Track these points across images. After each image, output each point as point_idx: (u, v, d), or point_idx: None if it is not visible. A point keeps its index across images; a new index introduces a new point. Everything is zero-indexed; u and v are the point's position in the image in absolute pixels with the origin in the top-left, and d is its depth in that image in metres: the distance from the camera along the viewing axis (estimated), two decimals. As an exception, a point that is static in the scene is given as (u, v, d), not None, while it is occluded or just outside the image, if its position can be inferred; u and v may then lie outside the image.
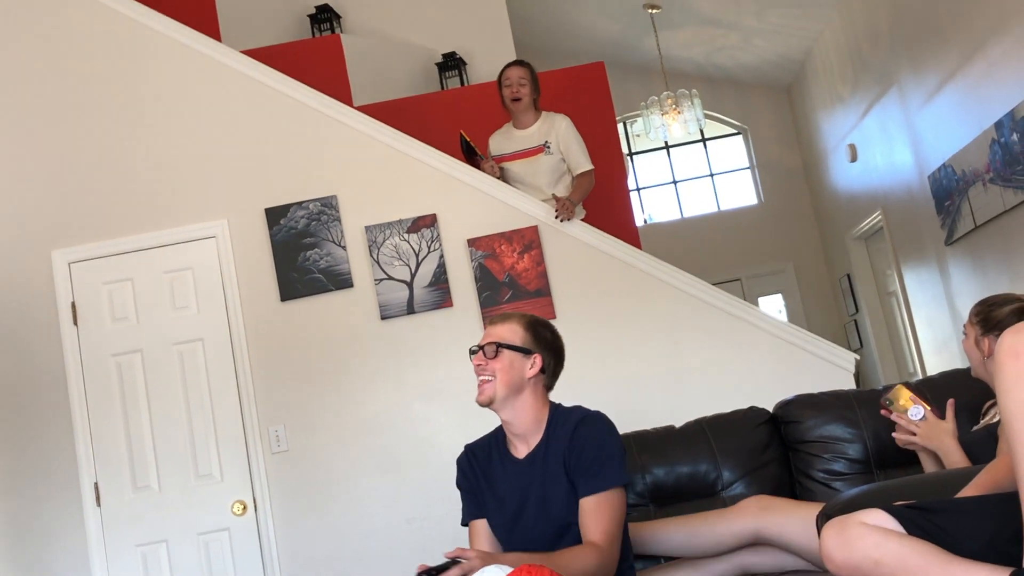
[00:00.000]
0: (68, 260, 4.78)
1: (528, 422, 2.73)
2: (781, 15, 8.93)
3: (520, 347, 2.72)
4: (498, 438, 2.83)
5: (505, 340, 2.73)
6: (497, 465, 2.78)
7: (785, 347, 4.62)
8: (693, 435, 3.30)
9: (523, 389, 2.71)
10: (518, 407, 2.72)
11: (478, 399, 2.72)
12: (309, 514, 4.62)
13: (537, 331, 2.77)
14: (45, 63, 4.93)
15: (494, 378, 2.69)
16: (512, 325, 2.76)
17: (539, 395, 2.75)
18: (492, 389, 2.69)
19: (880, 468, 3.15)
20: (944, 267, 7.35)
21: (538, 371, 2.73)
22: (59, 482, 4.63)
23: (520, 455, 2.74)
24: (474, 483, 2.80)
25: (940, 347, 7.78)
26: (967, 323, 2.93)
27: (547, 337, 2.79)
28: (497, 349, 2.71)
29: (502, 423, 2.78)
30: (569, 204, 4.76)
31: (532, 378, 2.72)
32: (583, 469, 2.60)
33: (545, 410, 2.76)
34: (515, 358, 2.71)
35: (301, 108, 4.92)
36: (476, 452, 2.85)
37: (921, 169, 7.47)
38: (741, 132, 11.03)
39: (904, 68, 7.48)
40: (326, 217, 4.79)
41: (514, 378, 2.70)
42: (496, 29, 7.13)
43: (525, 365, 2.72)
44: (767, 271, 10.60)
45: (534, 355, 2.73)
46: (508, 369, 2.70)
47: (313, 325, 4.74)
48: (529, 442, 2.73)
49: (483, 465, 2.80)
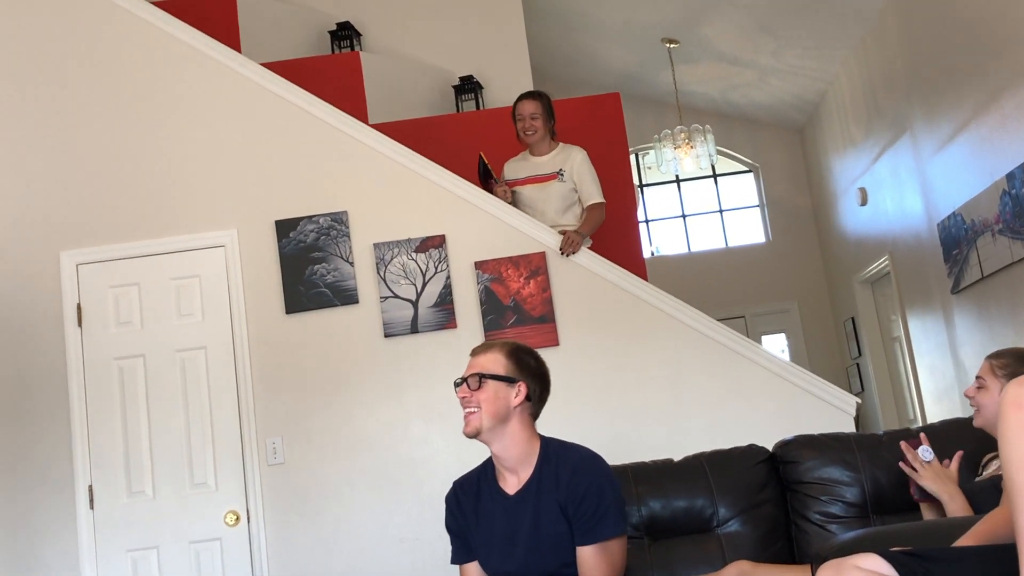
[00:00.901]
0: (76, 261, 4.79)
1: (518, 454, 2.70)
2: (798, 56, 8.98)
3: (504, 376, 2.70)
4: (487, 472, 2.81)
5: (488, 370, 2.71)
6: (487, 500, 2.75)
7: (787, 387, 4.61)
8: (691, 470, 3.29)
9: (510, 419, 2.69)
10: (506, 438, 2.69)
11: (465, 431, 2.71)
12: (302, 528, 4.60)
13: (520, 358, 2.75)
14: (66, 66, 4.97)
15: (479, 409, 2.68)
16: (494, 354, 2.75)
17: (526, 424, 2.73)
18: (478, 420, 2.68)
19: (877, 513, 3.14)
20: (949, 315, 7.35)
21: (523, 399, 2.71)
22: (54, 483, 4.63)
23: (510, 490, 2.72)
24: (462, 522, 2.77)
25: (941, 395, 7.76)
26: (987, 374, 2.91)
27: (531, 364, 2.76)
28: (480, 380, 2.69)
29: (492, 456, 2.76)
30: (576, 238, 4.77)
31: (518, 406, 2.70)
32: (583, 518, 2.58)
33: (535, 442, 2.73)
34: (499, 387, 2.69)
35: (317, 123, 4.94)
36: (464, 488, 2.82)
37: (931, 216, 7.47)
38: (752, 170, 11.06)
39: (918, 115, 7.51)
40: (335, 232, 4.80)
41: (499, 408, 2.68)
42: (514, 55, 7.17)
43: (510, 394, 2.70)
44: (772, 310, 10.59)
45: (518, 383, 2.71)
46: (493, 399, 2.68)
47: (316, 339, 4.74)
48: (520, 476, 2.71)
49: (472, 502, 2.77)
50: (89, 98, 4.95)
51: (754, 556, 3.07)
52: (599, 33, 9.29)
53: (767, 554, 3.13)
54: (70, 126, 4.93)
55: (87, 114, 4.93)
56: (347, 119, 4.96)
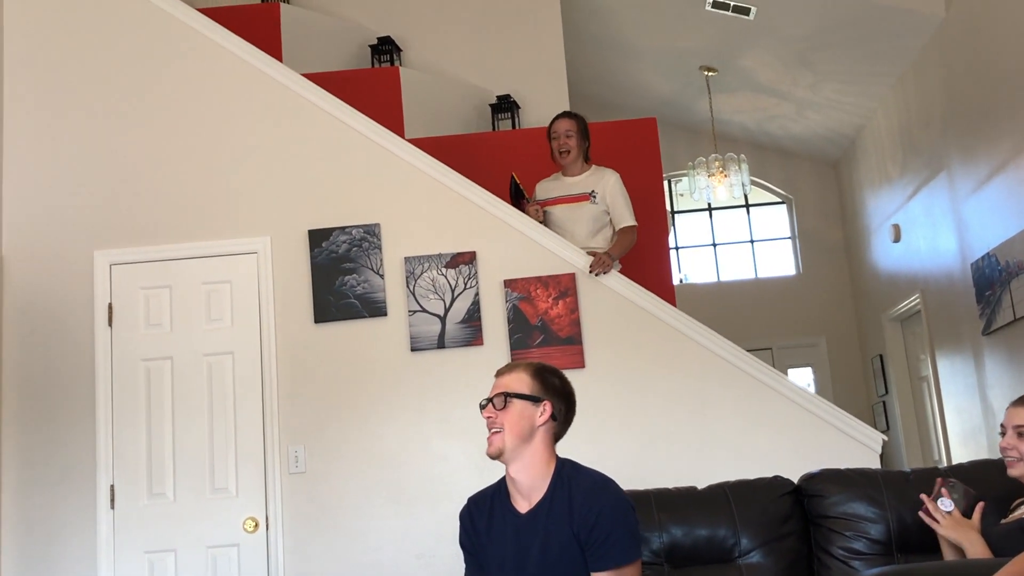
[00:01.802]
0: (110, 262, 4.84)
1: (534, 476, 2.69)
2: (836, 91, 8.95)
3: (529, 395, 2.70)
4: (501, 490, 2.80)
5: (513, 389, 2.71)
6: (499, 519, 2.74)
7: (813, 420, 4.58)
8: (715, 499, 3.26)
9: (533, 438, 2.69)
10: (526, 458, 2.69)
11: (488, 451, 2.70)
12: (319, 538, 4.60)
13: (545, 378, 2.75)
14: (105, 68, 5.03)
15: (503, 430, 2.67)
16: (519, 374, 2.75)
17: (547, 445, 2.72)
18: (501, 440, 2.67)
19: (902, 552, 3.09)
20: (979, 357, 7.27)
21: (548, 418, 2.70)
22: (76, 480, 4.65)
23: (522, 509, 2.71)
24: (475, 540, 2.77)
25: (968, 437, 7.67)
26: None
27: (556, 384, 2.76)
28: (506, 399, 2.69)
29: (507, 479, 2.75)
30: (607, 259, 4.76)
31: (543, 426, 2.70)
32: (596, 545, 2.57)
33: (552, 464, 2.72)
34: (524, 407, 2.69)
35: (354, 135, 4.97)
36: (479, 505, 2.81)
37: (964, 256, 7.41)
38: (786, 202, 11.02)
39: (955, 154, 7.46)
40: (367, 244, 4.82)
41: (524, 428, 2.68)
42: (552, 76, 7.19)
43: (535, 413, 2.69)
44: (799, 343, 10.52)
45: (543, 402, 2.71)
46: (518, 419, 2.68)
47: (343, 350, 4.76)
48: (532, 498, 2.70)
49: (485, 520, 2.76)
50: (129, 101, 5.00)
51: (774, 589, 3.04)
52: (638, 58, 9.31)
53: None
54: (109, 128, 4.98)
55: (127, 116, 4.99)
56: (384, 132, 4.98)
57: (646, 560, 3.15)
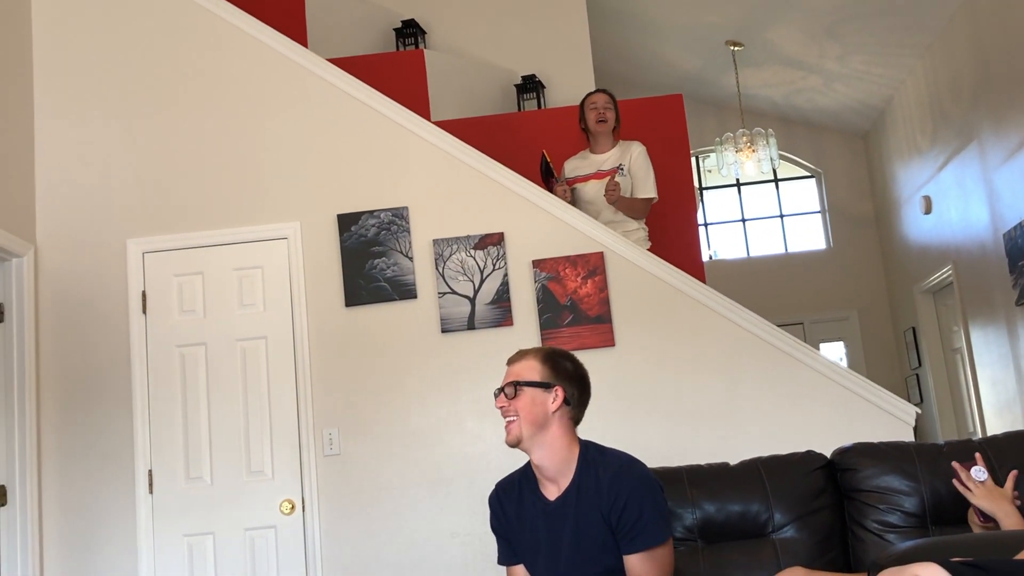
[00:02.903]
0: (143, 250, 4.89)
1: (558, 462, 2.70)
2: (864, 62, 8.87)
3: (539, 382, 2.71)
4: (528, 475, 2.81)
5: (523, 377, 2.72)
6: (529, 506, 2.76)
7: (845, 394, 4.57)
8: (747, 474, 3.26)
9: (549, 424, 2.69)
10: (547, 446, 2.70)
11: (506, 440, 2.72)
12: (355, 519, 4.65)
13: (556, 363, 2.75)
14: (136, 58, 5.06)
15: (517, 417, 2.69)
16: (529, 361, 2.75)
17: (567, 429, 2.72)
18: (517, 428, 2.69)
19: (936, 524, 3.09)
20: (1013, 327, 7.21)
21: (561, 403, 2.71)
22: (115, 466, 4.72)
23: (551, 496, 2.72)
24: (506, 525, 2.79)
25: (1003, 408, 7.62)
26: None
27: (567, 368, 2.76)
28: (516, 388, 2.70)
29: (532, 466, 2.77)
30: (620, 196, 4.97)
31: (556, 411, 2.70)
32: (627, 528, 2.58)
33: (575, 448, 2.73)
34: (536, 394, 2.70)
35: (380, 118, 4.99)
36: (507, 491, 2.83)
37: (996, 227, 7.34)
38: (815, 175, 10.94)
39: (985, 124, 7.38)
40: (396, 227, 4.84)
41: (537, 415, 2.68)
42: (577, 55, 7.18)
43: (547, 399, 2.70)
44: (830, 317, 10.47)
45: (555, 387, 2.71)
46: (531, 406, 2.69)
47: (374, 332, 4.79)
48: (560, 483, 2.71)
49: (515, 506, 2.79)
50: (160, 90, 5.04)
51: (809, 563, 3.04)
52: (663, 35, 9.25)
53: (822, 561, 3.10)
54: (141, 116, 5.02)
55: (158, 105, 5.03)
56: (410, 115, 5.00)
57: (679, 536, 3.16)
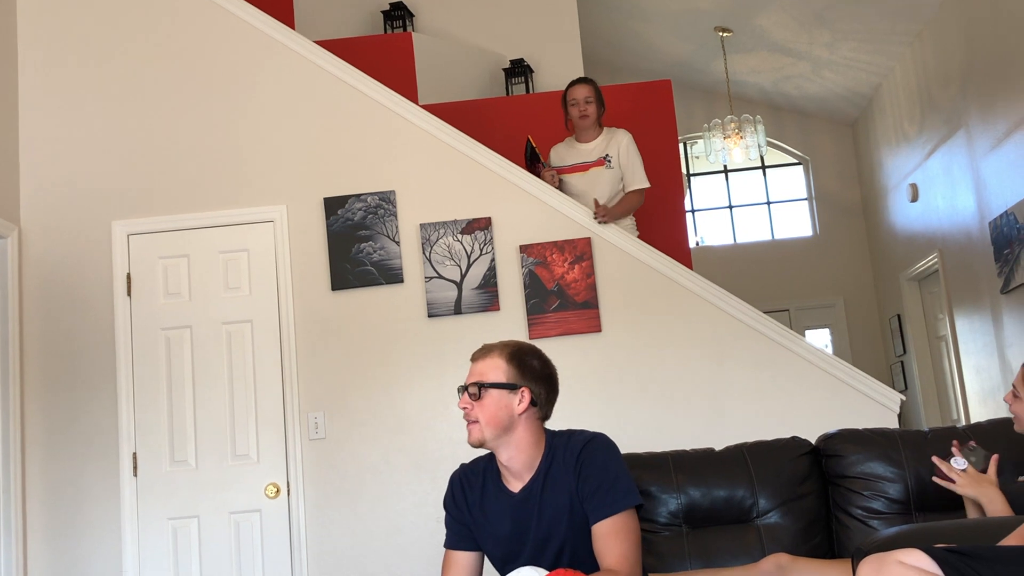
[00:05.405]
0: (128, 232, 4.86)
1: (525, 460, 2.57)
2: (853, 49, 8.86)
3: (505, 384, 2.53)
4: (492, 466, 2.66)
5: (487, 378, 2.54)
6: (491, 497, 2.63)
7: (830, 381, 4.58)
8: (732, 460, 3.27)
9: (515, 427, 2.54)
10: (512, 446, 2.55)
11: (468, 440, 2.55)
12: (340, 503, 4.64)
13: (522, 361, 2.57)
14: (124, 39, 5.02)
15: (479, 421, 2.52)
16: (494, 359, 2.57)
17: (534, 429, 2.57)
18: (479, 432, 2.53)
19: (920, 511, 3.11)
20: (998, 316, 7.24)
21: (528, 405, 2.54)
22: (99, 449, 4.70)
23: (514, 489, 2.60)
24: (464, 512, 2.65)
25: (986, 396, 7.65)
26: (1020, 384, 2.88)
27: (534, 366, 2.58)
28: (480, 389, 2.54)
29: (498, 462, 2.62)
30: (609, 211, 4.81)
31: (523, 413, 2.54)
32: (592, 494, 2.48)
33: (542, 444, 2.59)
34: (501, 396, 2.53)
35: (368, 102, 4.96)
36: (469, 479, 2.68)
37: (983, 215, 7.36)
38: (802, 163, 10.95)
39: (973, 112, 7.39)
40: (383, 211, 4.82)
41: (501, 418, 2.52)
42: (566, 40, 7.15)
43: (513, 401, 2.53)
44: (816, 304, 10.49)
45: (521, 389, 2.54)
46: (494, 409, 2.52)
47: (361, 317, 4.78)
48: (524, 477, 2.59)
49: (476, 495, 2.65)
50: (144, 71, 5.00)
51: (793, 549, 3.06)
52: (651, 20, 9.23)
53: (806, 547, 3.12)
54: (126, 98, 4.98)
55: (142, 87, 4.99)
56: (398, 99, 4.97)
57: (664, 521, 3.17)
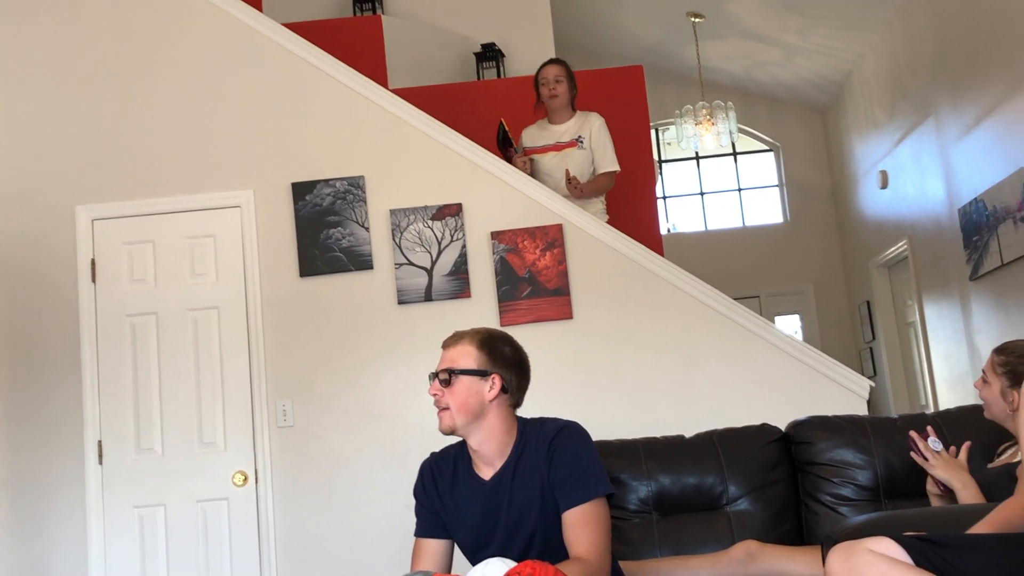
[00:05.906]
0: (92, 217, 4.78)
1: (496, 447, 2.56)
2: (825, 36, 8.87)
3: (475, 370, 2.54)
4: (463, 454, 2.67)
5: (458, 365, 2.55)
6: (462, 485, 2.62)
7: (800, 367, 4.58)
8: (702, 447, 3.27)
9: (486, 413, 2.54)
10: (483, 432, 2.55)
11: (439, 428, 2.56)
12: (309, 491, 4.61)
13: (493, 348, 2.58)
14: (84, 23, 4.94)
15: (450, 408, 2.53)
16: (465, 346, 2.57)
17: (505, 416, 2.57)
18: (450, 419, 2.53)
19: (889, 498, 3.11)
20: (967, 302, 7.29)
21: (498, 391, 2.54)
22: (64, 436, 4.64)
23: (486, 476, 2.59)
24: (435, 500, 2.65)
25: (955, 382, 7.71)
26: (989, 371, 2.89)
27: (505, 353, 2.59)
28: (451, 375, 2.54)
29: (469, 448, 2.62)
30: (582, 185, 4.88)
31: (494, 400, 2.54)
32: (563, 482, 2.47)
33: (513, 431, 2.59)
34: (472, 382, 2.54)
35: (336, 85, 4.90)
36: (440, 467, 2.67)
37: (952, 202, 7.40)
38: (773, 149, 10.98)
39: (943, 99, 7.42)
40: (352, 197, 4.77)
41: (472, 405, 2.53)
42: (537, 24, 7.11)
43: (483, 388, 2.54)
44: (786, 291, 10.54)
45: (491, 376, 2.54)
46: (465, 396, 2.53)
47: (330, 303, 4.73)
48: (495, 464, 2.58)
49: (447, 483, 2.64)
50: (108, 55, 4.92)
51: (763, 535, 3.06)
52: (624, 5, 9.20)
53: (776, 534, 3.12)
54: (89, 82, 4.90)
55: (106, 70, 4.91)
56: (367, 83, 4.92)
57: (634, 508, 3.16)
